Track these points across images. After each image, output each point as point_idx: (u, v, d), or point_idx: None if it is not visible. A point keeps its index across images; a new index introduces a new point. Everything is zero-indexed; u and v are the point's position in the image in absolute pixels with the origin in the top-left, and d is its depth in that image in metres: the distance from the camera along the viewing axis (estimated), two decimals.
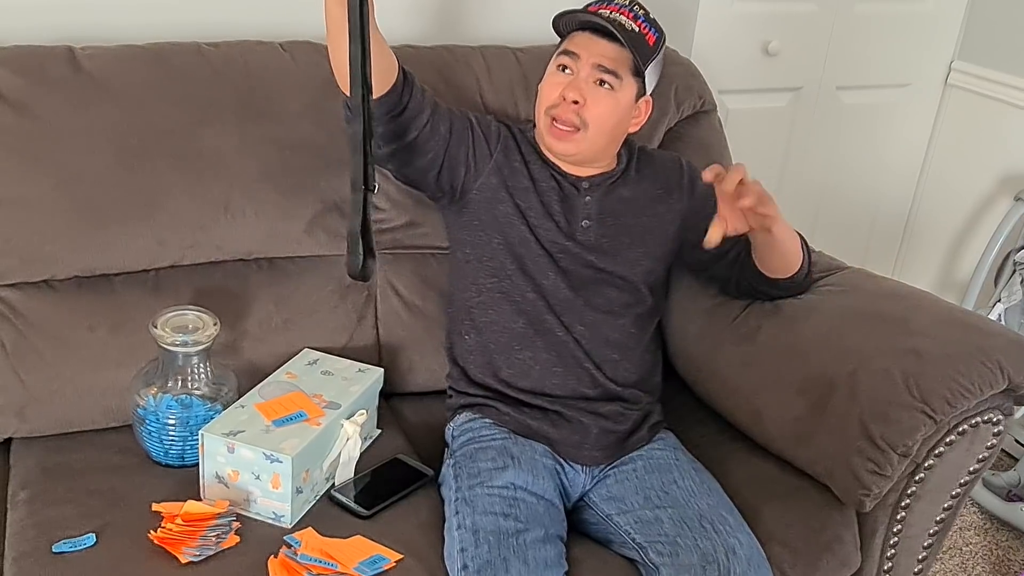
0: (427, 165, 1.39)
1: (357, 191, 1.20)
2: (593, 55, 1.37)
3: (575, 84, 1.37)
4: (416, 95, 1.34)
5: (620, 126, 1.43)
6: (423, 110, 1.35)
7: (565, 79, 1.39)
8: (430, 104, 1.37)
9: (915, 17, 2.35)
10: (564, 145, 1.40)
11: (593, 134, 1.39)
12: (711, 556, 1.20)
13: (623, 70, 1.38)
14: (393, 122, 1.33)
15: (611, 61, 1.37)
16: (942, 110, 2.51)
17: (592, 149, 1.42)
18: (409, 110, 1.33)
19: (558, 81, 1.39)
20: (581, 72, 1.38)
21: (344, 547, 1.19)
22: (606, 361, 1.44)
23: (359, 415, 1.34)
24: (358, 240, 1.20)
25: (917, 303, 1.44)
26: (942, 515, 1.43)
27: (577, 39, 1.39)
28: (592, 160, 1.45)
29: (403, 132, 1.35)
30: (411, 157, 1.38)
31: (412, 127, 1.35)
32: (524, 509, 1.24)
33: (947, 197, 2.54)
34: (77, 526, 1.18)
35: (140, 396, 1.30)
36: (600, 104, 1.38)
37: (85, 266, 1.40)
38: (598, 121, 1.38)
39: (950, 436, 1.34)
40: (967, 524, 2.14)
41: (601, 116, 1.38)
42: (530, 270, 1.43)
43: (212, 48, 1.51)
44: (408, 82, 1.33)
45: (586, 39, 1.38)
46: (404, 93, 1.32)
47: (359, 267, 1.22)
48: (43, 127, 1.37)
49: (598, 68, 1.37)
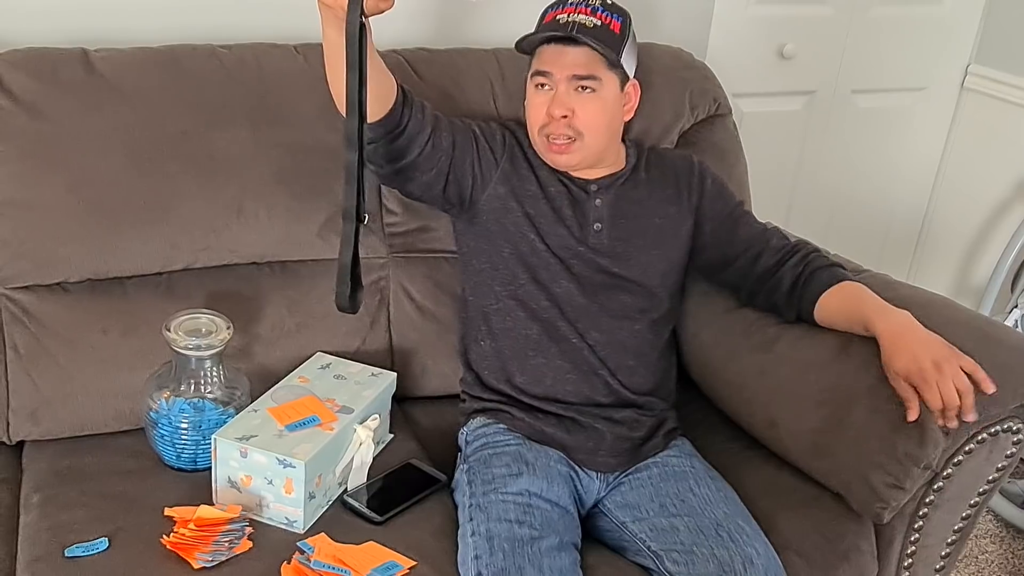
0: (432, 180, 1.38)
1: (348, 221, 1.16)
2: (565, 67, 1.36)
3: (558, 99, 1.37)
4: (415, 114, 1.33)
5: (614, 122, 1.42)
6: (423, 128, 1.34)
7: (546, 96, 1.38)
8: (431, 121, 1.35)
9: (931, 20, 2.34)
10: (567, 158, 1.40)
11: (590, 139, 1.39)
12: (728, 565, 1.19)
13: (599, 70, 1.37)
14: (394, 142, 1.32)
15: (584, 67, 1.36)
16: (958, 114, 2.49)
17: (594, 152, 1.41)
18: (409, 129, 1.32)
19: (540, 101, 1.39)
20: (559, 86, 1.37)
21: (357, 553, 1.18)
22: (621, 367, 1.43)
23: (372, 420, 1.33)
24: (347, 272, 1.17)
25: (936, 310, 1.42)
26: (960, 524, 1.42)
27: (544, 55, 1.38)
28: (598, 162, 1.44)
29: (405, 151, 1.34)
30: (415, 174, 1.37)
31: (414, 145, 1.34)
32: (539, 516, 1.23)
33: (963, 202, 2.52)
34: (90, 530, 1.18)
35: (153, 399, 1.30)
36: (588, 110, 1.37)
37: (98, 269, 1.40)
38: (591, 126, 1.38)
39: (969, 445, 1.32)
40: (983, 532, 2.12)
41: (593, 120, 1.38)
42: (542, 278, 1.42)
43: (226, 51, 1.50)
44: (408, 102, 1.31)
45: (552, 52, 1.37)
46: (404, 114, 1.31)
47: (348, 299, 1.18)
48: (56, 129, 1.37)
49: (574, 78, 1.36)
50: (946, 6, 2.34)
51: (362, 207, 1.17)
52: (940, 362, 1.21)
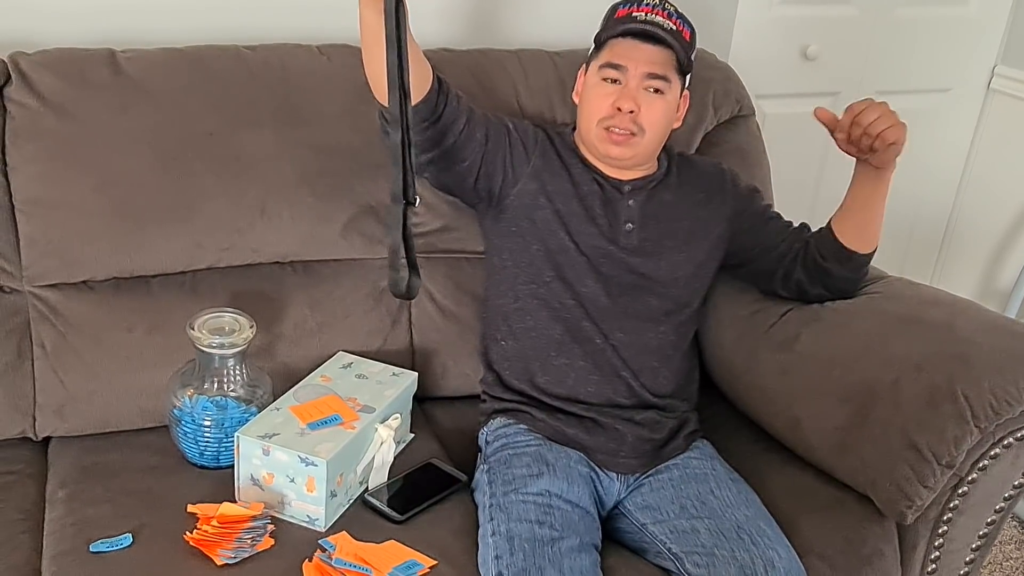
0: (464, 172, 1.39)
1: (397, 203, 1.17)
2: (641, 64, 1.35)
3: (628, 94, 1.36)
4: (451, 102, 1.34)
5: (669, 127, 1.43)
6: (459, 116, 1.35)
7: (615, 90, 1.37)
8: (465, 110, 1.36)
9: (957, 21, 2.31)
10: (622, 150, 1.39)
11: (649, 138, 1.39)
12: (749, 568, 1.18)
13: (670, 72, 1.37)
14: (429, 129, 1.32)
15: (660, 67, 1.36)
16: (984, 116, 2.46)
17: (647, 152, 1.42)
18: (445, 117, 1.33)
19: (607, 92, 1.38)
20: (631, 82, 1.36)
21: (378, 552, 1.19)
22: (645, 369, 1.42)
23: (393, 419, 1.34)
24: (397, 256, 1.16)
25: (962, 310, 1.41)
26: (985, 530, 1.40)
27: (619, 48, 1.37)
28: (643, 163, 1.44)
29: (439, 139, 1.34)
30: (448, 164, 1.38)
31: (448, 134, 1.34)
32: (559, 517, 1.23)
33: (988, 204, 2.49)
34: (114, 526, 1.19)
35: (176, 397, 1.31)
36: (654, 109, 1.37)
37: (123, 268, 1.41)
38: (654, 125, 1.38)
39: (995, 449, 1.31)
40: (1007, 538, 2.10)
41: (656, 120, 1.38)
42: (568, 277, 1.42)
43: (250, 51, 1.52)
44: (443, 89, 1.33)
45: (629, 47, 1.36)
46: (439, 100, 1.31)
47: (402, 284, 1.17)
48: (83, 130, 1.39)
49: (649, 76, 1.36)
50: (972, 7, 2.31)
51: (410, 188, 1.17)
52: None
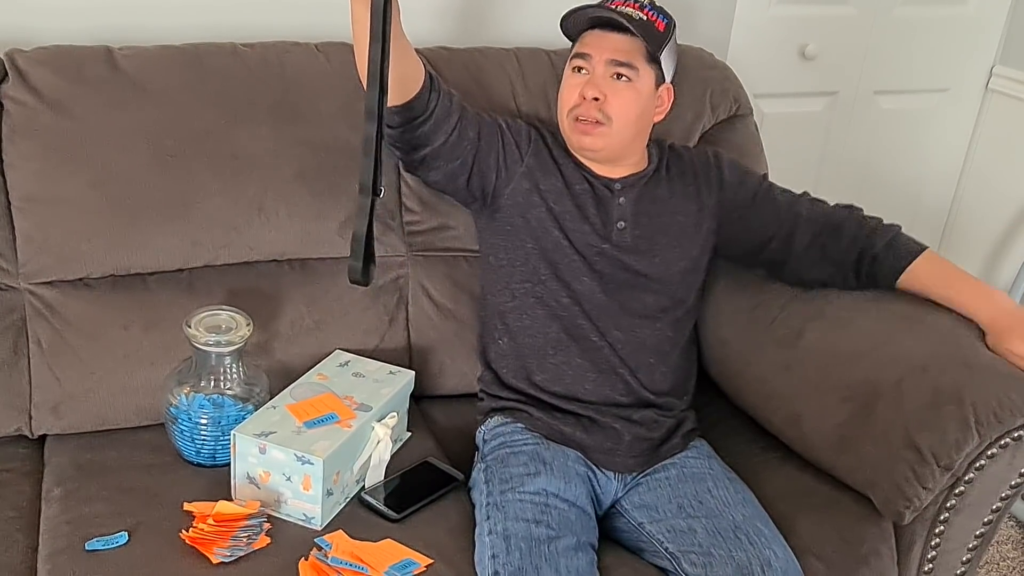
0: (457, 170, 1.39)
1: (365, 195, 1.19)
2: (605, 51, 1.37)
3: (592, 82, 1.37)
4: (443, 100, 1.34)
5: (644, 117, 1.42)
6: (450, 115, 1.35)
7: (582, 79, 1.39)
8: (458, 109, 1.37)
9: (955, 21, 2.32)
10: (590, 139, 1.39)
11: (618, 127, 1.39)
12: (746, 568, 1.18)
13: (638, 60, 1.37)
14: (421, 127, 1.33)
15: (624, 53, 1.36)
16: (982, 115, 2.46)
17: (620, 143, 1.41)
18: (436, 115, 1.33)
19: (575, 83, 1.39)
20: (596, 69, 1.37)
21: (374, 551, 1.19)
22: (642, 366, 1.42)
23: (390, 418, 1.34)
24: (362, 244, 1.19)
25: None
26: (982, 530, 1.40)
27: (587, 39, 1.40)
28: (621, 156, 1.44)
29: (431, 137, 1.34)
30: (440, 162, 1.38)
31: (440, 132, 1.35)
32: (556, 516, 1.23)
33: (986, 204, 2.49)
34: (110, 524, 1.19)
35: (173, 395, 1.31)
36: (621, 97, 1.37)
37: (120, 265, 1.41)
38: (621, 114, 1.38)
39: (992, 449, 1.31)
40: (1004, 538, 2.10)
41: (623, 108, 1.38)
42: (564, 275, 1.41)
43: (248, 49, 1.51)
44: (435, 87, 1.33)
45: (596, 37, 1.38)
46: (431, 98, 1.32)
47: (360, 271, 1.20)
48: (80, 127, 1.38)
49: (612, 63, 1.37)
50: (970, 6, 2.32)
51: (379, 180, 1.19)
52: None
